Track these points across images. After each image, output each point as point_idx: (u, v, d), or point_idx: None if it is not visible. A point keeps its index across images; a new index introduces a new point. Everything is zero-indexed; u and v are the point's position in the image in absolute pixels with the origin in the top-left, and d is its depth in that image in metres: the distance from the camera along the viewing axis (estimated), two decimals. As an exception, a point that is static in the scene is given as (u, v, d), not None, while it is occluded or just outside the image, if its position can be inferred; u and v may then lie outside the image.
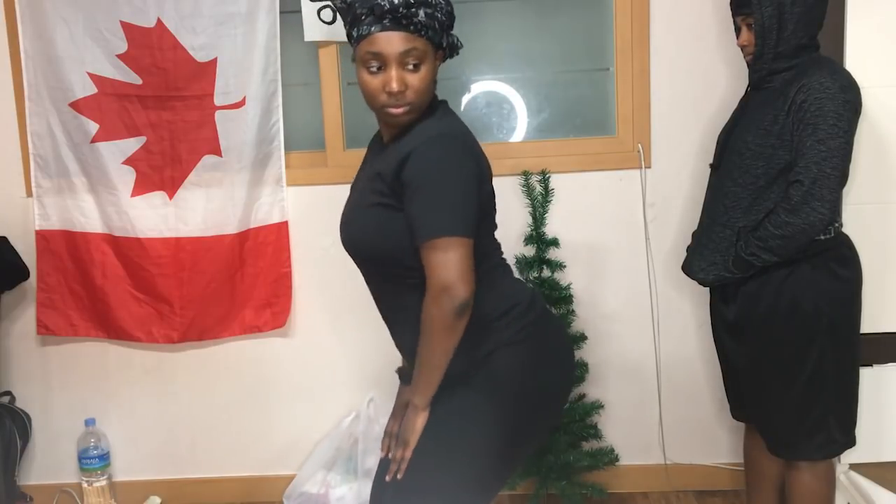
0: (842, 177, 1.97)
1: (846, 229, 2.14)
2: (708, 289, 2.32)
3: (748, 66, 2.15)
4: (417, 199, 1.57)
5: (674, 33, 2.72)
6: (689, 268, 2.26)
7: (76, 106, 2.78)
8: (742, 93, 2.25)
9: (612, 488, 2.86)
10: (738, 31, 2.15)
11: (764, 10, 2.01)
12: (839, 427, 2.13)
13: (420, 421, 1.67)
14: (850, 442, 2.17)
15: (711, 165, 2.26)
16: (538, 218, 2.72)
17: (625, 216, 2.82)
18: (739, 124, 2.16)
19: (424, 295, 1.59)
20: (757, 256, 2.03)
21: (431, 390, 1.65)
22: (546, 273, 2.72)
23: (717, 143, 2.26)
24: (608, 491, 2.81)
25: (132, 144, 2.80)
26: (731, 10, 2.15)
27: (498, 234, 2.80)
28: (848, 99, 1.96)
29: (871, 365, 2.44)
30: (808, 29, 2.03)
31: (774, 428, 2.18)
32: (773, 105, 2.03)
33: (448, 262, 1.54)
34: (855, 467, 2.47)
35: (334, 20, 2.72)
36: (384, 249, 1.65)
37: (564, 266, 2.75)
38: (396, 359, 2.67)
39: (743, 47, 2.13)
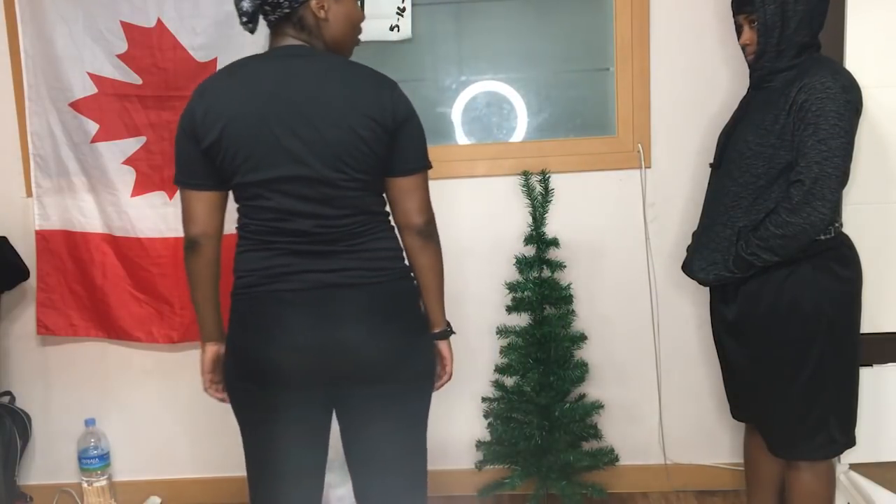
0: (843, 176, 1.97)
1: (846, 229, 2.14)
2: (708, 289, 2.32)
3: (749, 65, 2.15)
4: None
5: (674, 33, 2.72)
6: (689, 267, 2.26)
7: (76, 106, 2.78)
8: (743, 92, 2.25)
9: (612, 488, 2.86)
10: (739, 29, 2.15)
11: (767, 9, 2.01)
12: (839, 427, 2.13)
13: None
14: (851, 442, 2.17)
15: (711, 165, 2.26)
16: (538, 218, 2.72)
17: (625, 216, 2.82)
18: (740, 124, 2.16)
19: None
20: (757, 256, 2.03)
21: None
22: (546, 273, 2.72)
23: (718, 142, 2.26)
24: (608, 491, 2.81)
25: (132, 144, 2.80)
26: (733, 8, 2.15)
27: (498, 234, 2.80)
28: (849, 99, 1.96)
29: (871, 365, 2.44)
30: (810, 28, 2.03)
31: (774, 428, 2.18)
32: (775, 105, 2.03)
33: None
34: (855, 467, 2.47)
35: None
36: None
37: (564, 266, 2.75)
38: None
39: (745, 46, 2.13)
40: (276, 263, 1.71)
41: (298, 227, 1.69)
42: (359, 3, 1.76)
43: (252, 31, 1.76)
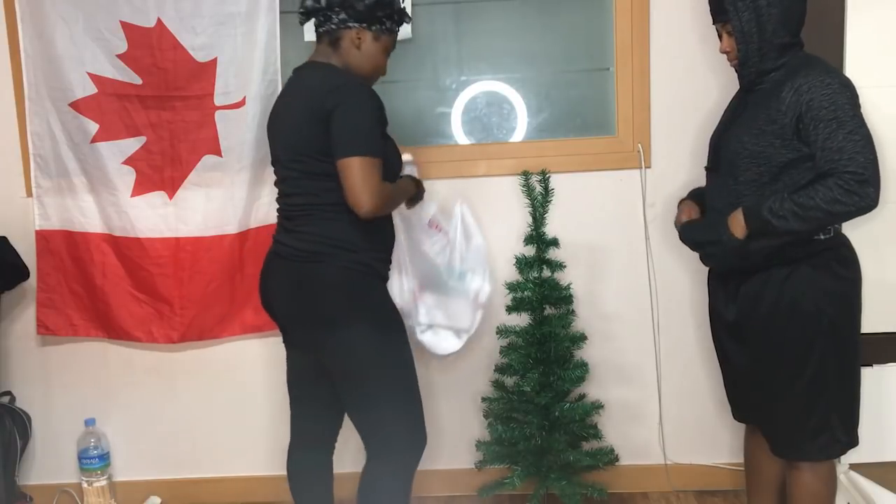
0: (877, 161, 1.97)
1: (845, 229, 2.14)
2: (708, 289, 2.33)
3: (735, 70, 2.15)
4: None
5: (674, 33, 2.73)
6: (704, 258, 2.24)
7: (76, 106, 2.78)
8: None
9: (612, 488, 2.86)
10: (720, 37, 2.15)
11: (741, 16, 2.02)
12: (842, 427, 2.12)
13: None
14: (853, 442, 2.17)
15: (706, 168, 2.27)
16: (538, 218, 2.71)
17: (625, 216, 2.82)
18: (733, 125, 2.16)
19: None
20: (785, 220, 1.97)
21: None
22: (546, 273, 2.72)
23: (710, 144, 2.26)
24: (608, 491, 2.80)
25: (132, 144, 2.80)
26: (712, 17, 2.15)
27: (499, 234, 2.80)
28: (852, 94, 1.98)
29: (872, 365, 2.44)
30: (788, 27, 2.04)
31: (777, 429, 2.18)
32: (767, 105, 2.04)
33: None
34: (855, 467, 2.47)
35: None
36: None
37: (564, 266, 2.75)
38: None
39: (726, 53, 2.14)
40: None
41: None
42: (387, 53, 2.16)
43: (301, 24, 2.20)
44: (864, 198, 1.93)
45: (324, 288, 2.02)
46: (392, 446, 2.11)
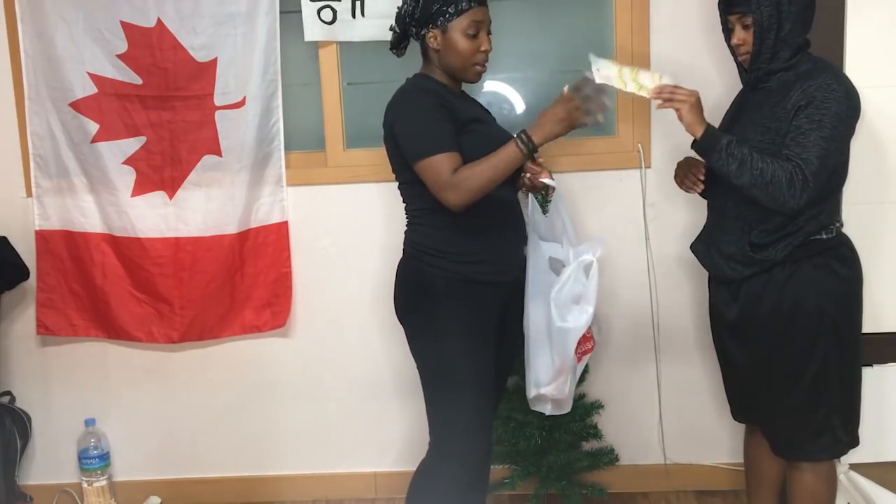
0: (825, 174, 1.99)
1: (845, 229, 2.14)
2: (708, 289, 2.33)
3: (742, 66, 2.14)
4: None
5: (674, 33, 2.72)
6: (716, 269, 2.24)
7: (76, 106, 2.78)
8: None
9: (612, 488, 2.86)
10: (730, 30, 2.13)
11: (763, 10, 2.00)
12: (843, 427, 2.13)
13: None
14: (855, 442, 2.18)
15: (706, 166, 2.26)
16: (538, 218, 2.71)
17: (625, 216, 2.82)
18: (737, 124, 2.16)
19: None
20: (732, 159, 2.00)
21: None
22: (546, 273, 2.72)
23: None
24: (608, 491, 2.81)
25: (132, 144, 2.80)
26: (721, 8, 2.13)
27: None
28: (852, 105, 1.99)
29: (872, 365, 2.44)
30: (802, 28, 2.04)
31: (779, 429, 2.18)
32: (775, 105, 2.04)
33: None
34: (855, 467, 2.47)
35: (334, 20, 2.72)
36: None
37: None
38: (394, 360, 2.71)
39: (737, 46, 2.11)
40: None
41: None
42: (469, 35, 2.10)
43: (399, 57, 2.26)
44: (796, 198, 1.96)
45: (399, 282, 2.21)
46: (437, 445, 2.19)
